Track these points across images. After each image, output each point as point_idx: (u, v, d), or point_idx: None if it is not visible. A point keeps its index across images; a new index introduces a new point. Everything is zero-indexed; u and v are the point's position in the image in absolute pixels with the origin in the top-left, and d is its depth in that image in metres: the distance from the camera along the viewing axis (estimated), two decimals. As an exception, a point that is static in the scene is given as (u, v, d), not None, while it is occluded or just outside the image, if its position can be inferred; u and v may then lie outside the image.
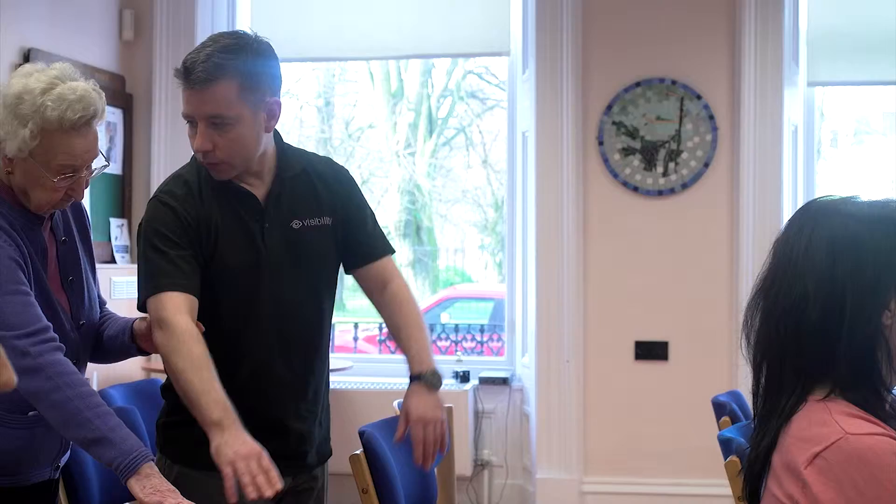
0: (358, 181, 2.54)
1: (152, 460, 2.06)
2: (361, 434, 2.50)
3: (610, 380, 4.98)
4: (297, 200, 2.36)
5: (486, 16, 5.28)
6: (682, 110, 4.94)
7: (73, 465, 2.65)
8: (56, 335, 2.13)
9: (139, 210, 5.37)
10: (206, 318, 2.25)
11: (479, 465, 5.25)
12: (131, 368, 5.08)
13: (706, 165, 4.93)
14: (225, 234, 2.28)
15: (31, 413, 2.20)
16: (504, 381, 5.26)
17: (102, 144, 5.43)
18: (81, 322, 2.31)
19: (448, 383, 5.16)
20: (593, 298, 4.99)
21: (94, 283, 2.42)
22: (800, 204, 4.93)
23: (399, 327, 2.45)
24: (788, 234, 1.55)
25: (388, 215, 9.88)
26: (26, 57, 4.60)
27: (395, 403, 3.14)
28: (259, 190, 2.33)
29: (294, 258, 2.33)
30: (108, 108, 5.74)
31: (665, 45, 4.96)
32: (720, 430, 3.20)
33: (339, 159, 5.59)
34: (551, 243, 4.96)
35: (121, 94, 5.32)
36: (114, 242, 5.23)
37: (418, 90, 10.43)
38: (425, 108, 10.38)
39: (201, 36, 5.30)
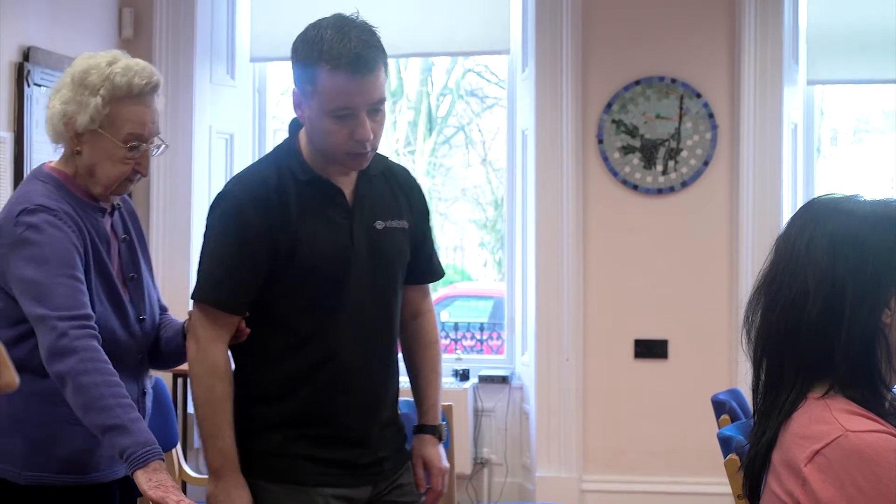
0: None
1: (162, 459, 2.07)
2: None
3: (609, 378, 4.98)
4: (380, 200, 2.29)
5: (486, 14, 5.28)
6: (681, 109, 4.94)
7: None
8: (95, 325, 2.14)
9: (138, 209, 5.37)
10: (282, 320, 2.20)
11: (479, 463, 5.25)
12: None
13: (706, 164, 4.93)
14: (308, 232, 2.19)
15: (135, 406, 2.21)
16: (504, 380, 5.26)
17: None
18: (142, 317, 2.33)
19: (448, 381, 5.17)
20: (593, 297, 4.99)
21: (154, 285, 2.45)
22: (799, 202, 4.94)
23: (419, 369, 2.45)
24: (790, 232, 1.56)
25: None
26: (26, 55, 4.60)
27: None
28: (346, 187, 2.26)
29: (376, 259, 2.26)
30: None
31: (665, 43, 4.96)
32: (720, 428, 3.20)
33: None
34: (551, 242, 4.96)
35: (120, 92, 5.32)
36: (113, 241, 5.23)
37: (418, 88, 10.43)
38: (425, 107, 10.39)
39: (201, 35, 5.30)
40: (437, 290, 9.47)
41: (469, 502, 5.22)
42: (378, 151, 2.30)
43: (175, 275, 5.26)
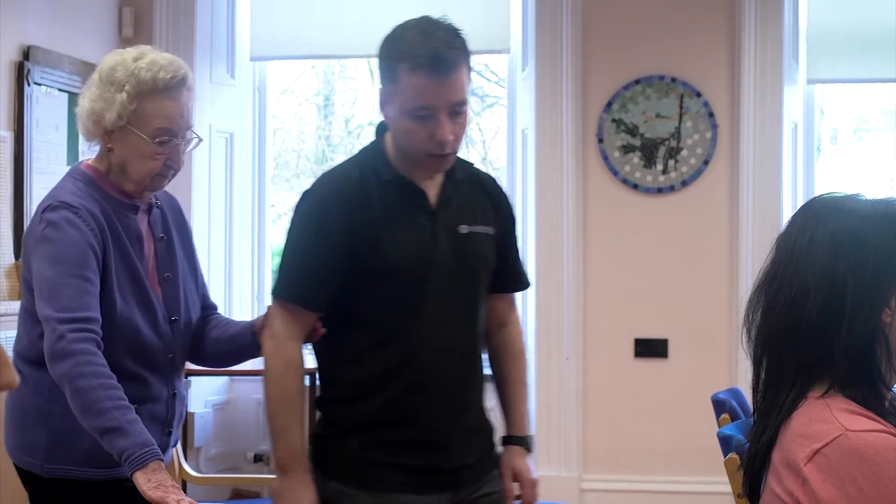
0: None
1: (162, 459, 2.07)
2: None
3: (609, 377, 4.98)
4: (465, 204, 2.27)
5: (486, 13, 5.27)
6: (681, 108, 4.94)
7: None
8: (97, 328, 2.14)
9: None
10: (361, 321, 2.18)
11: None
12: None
13: (706, 163, 4.93)
14: (389, 231, 2.17)
15: (133, 407, 2.21)
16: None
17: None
18: (174, 318, 2.33)
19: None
20: (593, 296, 4.98)
21: (198, 284, 2.45)
22: (800, 201, 4.94)
23: (507, 380, 2.44)
24: (791, 231, 1.56)
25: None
26: (26, 55, 4.60)
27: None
28: (431, 190, 2.24)
29: (460, 263, 2.23)
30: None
31: (665, 42, 4.96)
32: (720, 427, 3.20)
33: (339, 157, 5.58)
34: (551, 241, 4.96)
35: (120, 91, 5.32)
36: (113, 240, 5.23)
37: (418, 88, 10.42)
38: (425, 106, 10.38)
39: (201, 34, 5.30)
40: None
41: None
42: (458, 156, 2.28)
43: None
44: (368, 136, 7.97)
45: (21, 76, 4.58)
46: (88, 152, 5.50)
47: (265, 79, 5.69)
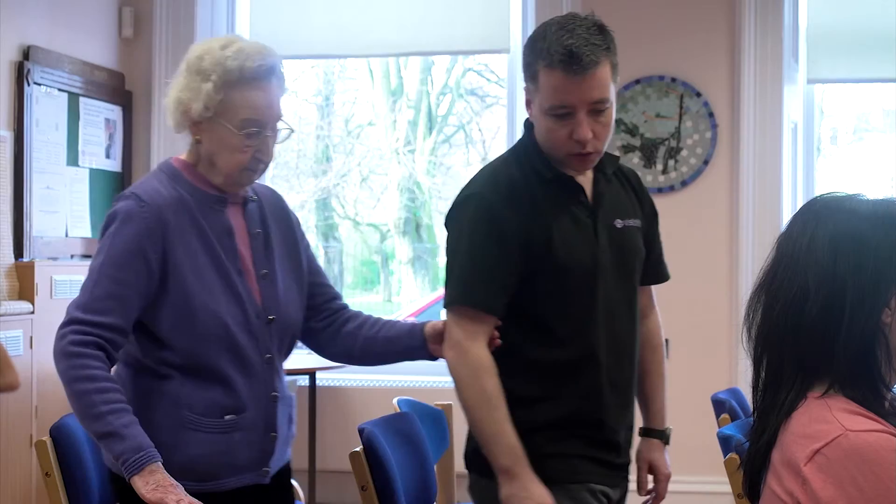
0: (357, 179, 2.50)
1: (159, 461, 2.05)
2: (361, 431, 2.50)
3: (609, 377, 4.97)
4: (616, 199, 2.26)
5: (486, 13, 5.27)
6: (681, 108, 4.94)
7: (73, 464, 2.65)
8: (107, 333, 2.09)
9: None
10: (539, 322, 2.15)
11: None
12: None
13: (706, 163, 4.92)
14: (559, 233, 2.15)
15: (227, 417, 2.18)
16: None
17: (101, 141, 5.45)
18: (271, 317, 2.24)
19: (447, 381, 5.15)
20: (593, 296, 4.98)
21: (304, 283, 2.35)
22: (800, 201, 4.94)
23: (647, 372, 2.40)
24: (791, 230, 1.55)
25: (387, 213, 9.88)
26: (26, 54, 4.60)
27: (395, 401, 3.14)
28: (585, 185, 2.21)
29: (618, 258, 2.22)
30: (107, 106, 5.77)
31: (665, 42, 4.96)
32: (719, 427, 3.19)
33: (339, 157, 5.60)
34: (551, 241, 4.96)
35: (120, 91, 5.32)
36: (113, 240, 5.22)
37: (418, 87, 10.42)
38: (425, 106, 10.38)
39: (201, 34, 5.30)
40: (436, 290, 9.48)
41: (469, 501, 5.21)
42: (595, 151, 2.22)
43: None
44: (368, 136, 7.92)
45: (21, 76, 4.58)
46: (88, 152, 5.50)
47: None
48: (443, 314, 2.25)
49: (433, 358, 2.33)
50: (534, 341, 2.15)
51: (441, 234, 10.62)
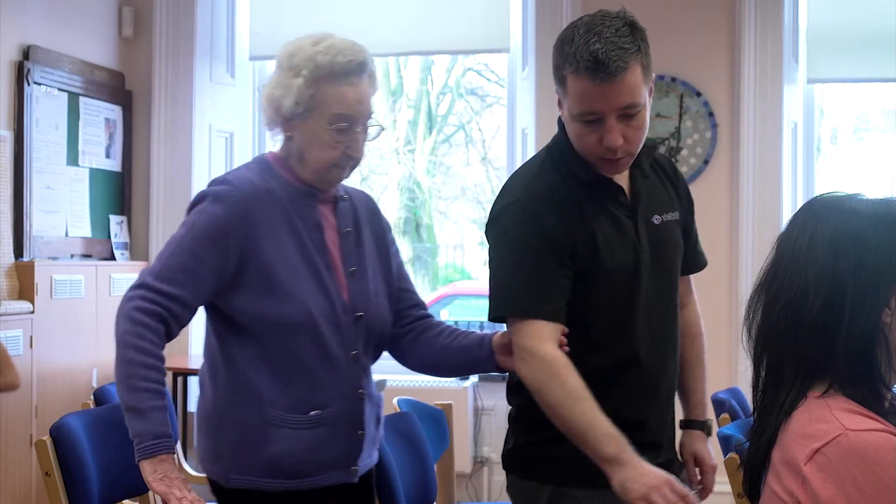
0: (357, 178, 2.49)
1: (173, 453, 2.04)
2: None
3: (609, 377, 4.97)
4: (654, 194, 2.23)
5: (486, 13, 5.27)
6: (681, 107, 4.94)
7: (73, 463, 2.65)
8: (173, 306, 2.08)
9: (138, 207, 5.37)
10: (581, 324, 2.11)
11: (479, 461, 5.25)
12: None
13: (706, 162, 4.92)
14: (602, 235, 2.11)
15: (312, 413, 2.15)
16: (504, 378, 5.24)
17: (101, 140, 5.44)
18: (359, 314, 2.22)
19: (447, 380, 5.16)
20: (593, 295, 4.98)
21: (393, 288, 2.33)
22: (799, 201, 4.94)
23: (687, 362, 2.36)
24: (792, 230, 1.55)
25: (387, 212, 9.87)
26: (26, 54, 4.60)
27: (395, 401, 3.14)
28: (622, 184, 2.18)
29: (658, 255, 2.19)
30: (107, 105, 5.76)
31: (665, 41, 4.95)
32: (720, 426, 3.20)
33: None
34: (551, 240, 4.95)
35: (120, 90, 5.32)
36: (113, 239, 5.23)
37: (418, 87, 10.42)
38: (425, 105, 10.38)
39: (201, 33, 5.30)
40: (436, 290, 9.48)
41: (469, 501, 5.22)
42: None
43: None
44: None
45: (21, 76, 4.58)
46: (88, 152, 5.50)
47: (265, 78, 5.69)
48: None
49: (502, 371, 2.27)
50: (575, 344, 2.10)
51: (441, 234, 10.62)
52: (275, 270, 2.12)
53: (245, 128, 5.57)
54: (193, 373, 4.48)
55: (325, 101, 2.14)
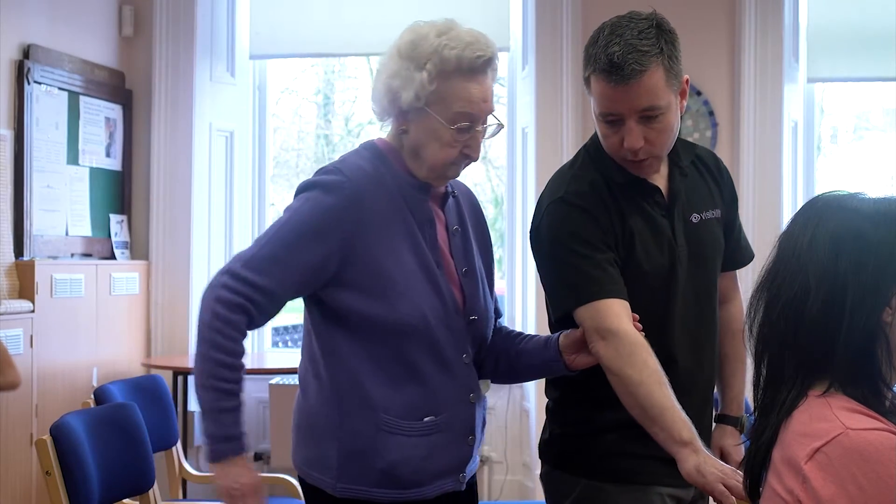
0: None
1: (244, 454, 1.97)
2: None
3: (610, 376, 4.97)
4: (693, 192, 2.22)
5: (486, 12, 5.27)
6: (681, 106, 4.94)
7: (73, 462, 2.65)
8: (258, 297, 1.97)
9: (139, 206, 5.37)
10: None
11: (480, 461, 5.24)
12: (130, 364, 5.09)
13: (706, 162, 4.92)
14: (638, 235, 2.12)
15: (426, 419, 2.06)
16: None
17: (101, 139, 5.44)
18: (473, 317, 2.12)
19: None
20: (593, 295, 4.97)
21: (490, 283, 2.24)
22: (800, 200, 4.94)
23: (727, 357, 2.36)
24: (793, 229, 1.55)
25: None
26: (26, 53, 4.60)
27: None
28: (660, 183, 2.18)
29: (696, 254, 2.19)
30: (107, 104, 5.76)
31: (665, 41, 4.96)
32: (720, 426, 3.19)
33: (339, 156, 5.60)
34: (551, 239, 4.95)
35: (120, 89, 5.32)
36: (114, 238, 5.23)
37: (418, 86, 10.42)
38: (425, 105, 10.38)
39: (201, 32, 5.30)
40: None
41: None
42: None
43: (175, 273, 5.25)
44: (368, 134, 7.91)
45: (21, 75, 4.58)
46: (88, 151, 5.48)
47: (265, 77, 5.69)
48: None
49: (570, 370, 2.17)
50: None
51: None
52: (385, 266, 2.01)
53: (245, 127, 5.57)
54: (192, 373, 4.48)
55: (449, 98, 2.02)
